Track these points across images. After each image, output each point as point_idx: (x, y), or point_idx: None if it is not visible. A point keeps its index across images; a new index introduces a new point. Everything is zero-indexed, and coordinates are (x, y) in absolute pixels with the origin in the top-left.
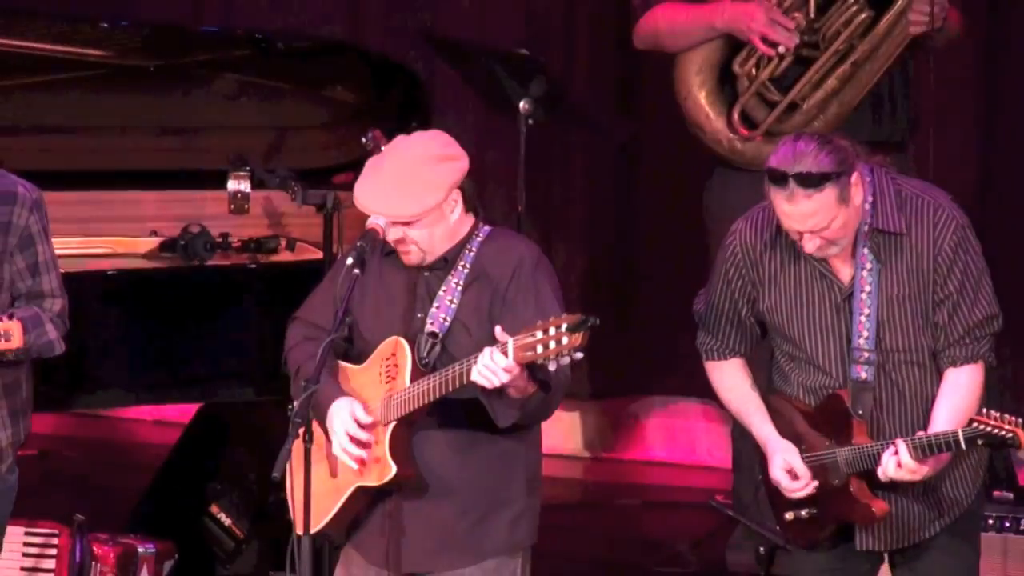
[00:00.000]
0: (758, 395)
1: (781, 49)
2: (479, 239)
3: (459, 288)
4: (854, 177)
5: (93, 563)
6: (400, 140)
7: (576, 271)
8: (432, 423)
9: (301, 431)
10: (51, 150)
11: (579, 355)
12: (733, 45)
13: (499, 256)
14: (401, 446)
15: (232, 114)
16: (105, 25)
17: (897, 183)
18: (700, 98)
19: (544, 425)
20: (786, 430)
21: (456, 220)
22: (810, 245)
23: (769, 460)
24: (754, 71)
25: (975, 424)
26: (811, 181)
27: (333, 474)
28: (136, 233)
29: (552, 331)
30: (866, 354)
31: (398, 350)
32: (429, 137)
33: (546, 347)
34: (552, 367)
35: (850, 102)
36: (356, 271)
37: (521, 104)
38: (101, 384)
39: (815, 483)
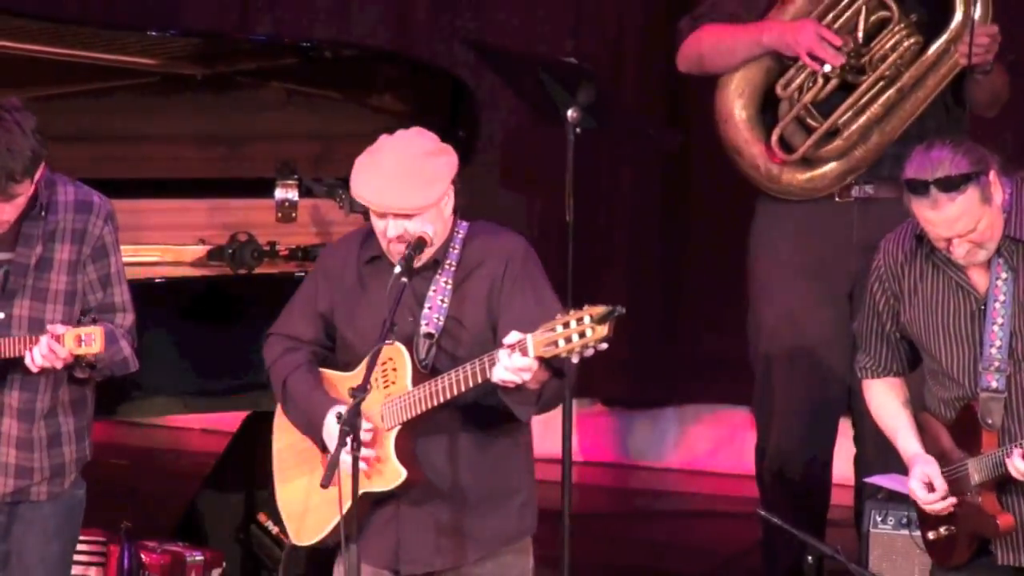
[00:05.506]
0: (908, 413)
1: (827, 68)
2: (460, 236)
3: (449, 287)
4: (991, 176)
5: (141, 571)
6: (390, 138)
7: (623, 279)
8: (434, 423)
9: (349, 440)
10: (99, 158)
11: (604, 346)
12: (776, 70)
13: (487, 250)
14: (407, 449)
15: (280, 123)
16: (153, 34)
17: None
18: (740, 122)
19: (590, 434)
20: (931, 447)
21: (448, 216)
22: (960, 250)
23: (910, 473)
24: (797, 94)
25: None
26: (952, 184)
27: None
28: (184, 241)
29: (574, 324)
30: (997, 362)
31: (394, 354)
32: (418, 133)
33: (568, 340)
34: (575, 360)
35: (891, 131)
36: (404, 279)
37: (569, 112)
38: (149, 392)
39: (952, 498)
